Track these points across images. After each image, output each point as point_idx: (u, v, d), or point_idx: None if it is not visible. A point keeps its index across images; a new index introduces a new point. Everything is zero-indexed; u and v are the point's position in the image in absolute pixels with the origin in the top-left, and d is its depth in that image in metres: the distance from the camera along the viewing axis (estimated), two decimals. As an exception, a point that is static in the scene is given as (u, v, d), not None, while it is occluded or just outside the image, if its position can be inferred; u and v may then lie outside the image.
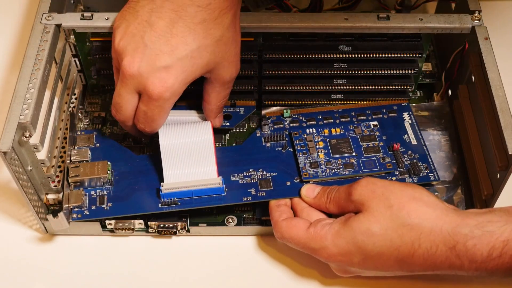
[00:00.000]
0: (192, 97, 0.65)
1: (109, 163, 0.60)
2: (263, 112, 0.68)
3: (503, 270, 0.48)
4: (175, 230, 0.59)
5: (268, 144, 0.64)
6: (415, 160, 0.62)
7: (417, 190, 0.52)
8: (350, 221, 0.51)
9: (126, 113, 0.57)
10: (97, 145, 0.63)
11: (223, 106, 0.62)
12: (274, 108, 0.68)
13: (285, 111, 0.66)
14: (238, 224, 0.61)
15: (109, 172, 0.60)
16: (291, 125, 0.65)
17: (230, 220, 0.61)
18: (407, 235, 0.49)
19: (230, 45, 0.56)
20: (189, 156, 0.59)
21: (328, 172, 0.60)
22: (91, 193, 0.59)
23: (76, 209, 0.58)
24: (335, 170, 0.61)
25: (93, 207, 0.58)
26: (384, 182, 0.53)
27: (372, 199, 0.51)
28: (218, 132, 0.66)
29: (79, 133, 0.63)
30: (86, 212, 0.58)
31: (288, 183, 0.60)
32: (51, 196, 0.59)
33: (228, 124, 0.65)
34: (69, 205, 0.58)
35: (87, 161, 0.61)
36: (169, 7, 0.53)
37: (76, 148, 0.62)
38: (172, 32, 0.53)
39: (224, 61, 0.56)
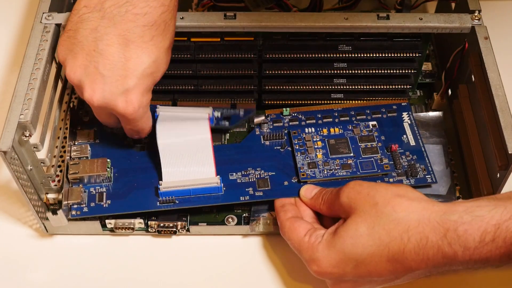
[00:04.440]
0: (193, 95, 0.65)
1: (108, 160, 0.60)
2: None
3: (497, 256, 0.46)
4: (175, 229, 0.59)
5: (267, 143, 0.64)
6: (412, 162, 0.62)
7: (401, 188, 0.51)
8: (338, 230, 0.51)
9: (114, 124, 0.59)
10: (97, 141, 0.63)
11: None
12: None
13: (284, 109, 0.66)
14: (238, 223, 0.61)
15: (108, 169, 0.60)
16: (290, 123, 0.65)
17: (230, 219, 0.61)
18: (395, 229, 0.49)
19: (171, 48, 0.57)
20: (187, 154, 0.59)
21: (325, 172, 0.60)
22: (90, 190, 0.59)
23: (75, 206, 0.58)
24: (333, 170, 0.61)
25: (92, 204, 0.58)
26: (370, 183, 0.53)
27: (358, 200, 0.51)
28: (218, 132, 0.66)
29: (79, 128, 0.64)
30: (85, 209, 0.58)
31: (286, 183, 0.60)
32: (51, 196, 0.59)
33: (227, 124, 0.65)
34: (68, 202, 0.58)
35: (87, 157, 0.61)
36: (114, 33, 0.53)
37: (76, 144, 0.62)
38: (125, 56, 0.53)
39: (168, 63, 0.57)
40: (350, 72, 0.65)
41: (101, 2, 0.53)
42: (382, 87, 0.66)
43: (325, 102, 0.67)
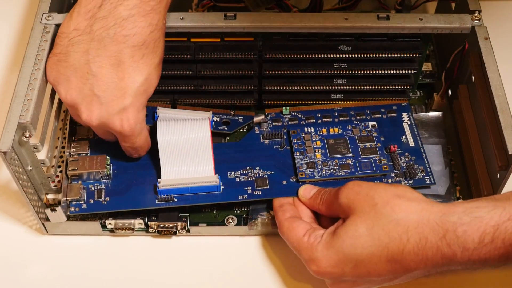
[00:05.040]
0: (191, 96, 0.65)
1: (107, 157, 0.61)
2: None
3: (496, 256, 0.46)
4: (175, 230, 0.59)
5: (266, 142, 0.64)
6: (411, 163, 0.61)
7: (400, 188, 0.51)
8: (338, 230, 0.51)
9: (114, 139, 0.59)
10: (97, 137, 0.63)
11: None
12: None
13: (284, 108, 0.66)
14: (238, 224, 0.61)
15: (107, 166, 0.60)
16: (290, 122, 0.65)
17: (230, 220, 0.61)
18: (394, 230, 0.49)
19: (162, 62, 0.57)
20: (186, 152, 0.59)
21: (324, 172, 0.60)
22: (89, 187, 0.59)
23: (74, 203, 0.58)
24: (331, 170, 0.61)
25: (91, 201, 0.59)
26: (369, 183, 0.53)
27: (357, 201, 0.51)
28: (218, 135, 0.66)
29: (79, 124, 0.64)
30: (84, 206, 0.58)
31: (284, 182, 0.60)
32: (51, 196, 0.59)
33: (226, 128, 0.65)
34: (67, 198, 0.58)
35: (86, 154, 0.61)
36: (105, 54, 0.53)
37: (75, 140, 0.63)
38: (118, 76, 0.54)
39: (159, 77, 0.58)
40: (350, 72, 0.65)
41: (90, 24, 0.54)
42: (382, 87, 0.66)
43: (325, 102, 0.67)
